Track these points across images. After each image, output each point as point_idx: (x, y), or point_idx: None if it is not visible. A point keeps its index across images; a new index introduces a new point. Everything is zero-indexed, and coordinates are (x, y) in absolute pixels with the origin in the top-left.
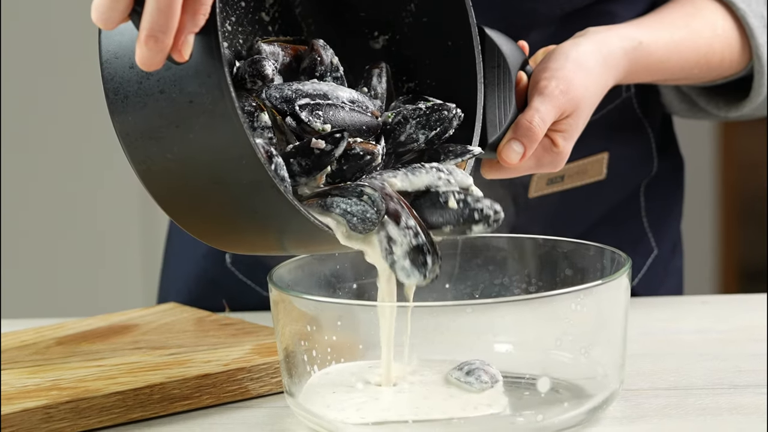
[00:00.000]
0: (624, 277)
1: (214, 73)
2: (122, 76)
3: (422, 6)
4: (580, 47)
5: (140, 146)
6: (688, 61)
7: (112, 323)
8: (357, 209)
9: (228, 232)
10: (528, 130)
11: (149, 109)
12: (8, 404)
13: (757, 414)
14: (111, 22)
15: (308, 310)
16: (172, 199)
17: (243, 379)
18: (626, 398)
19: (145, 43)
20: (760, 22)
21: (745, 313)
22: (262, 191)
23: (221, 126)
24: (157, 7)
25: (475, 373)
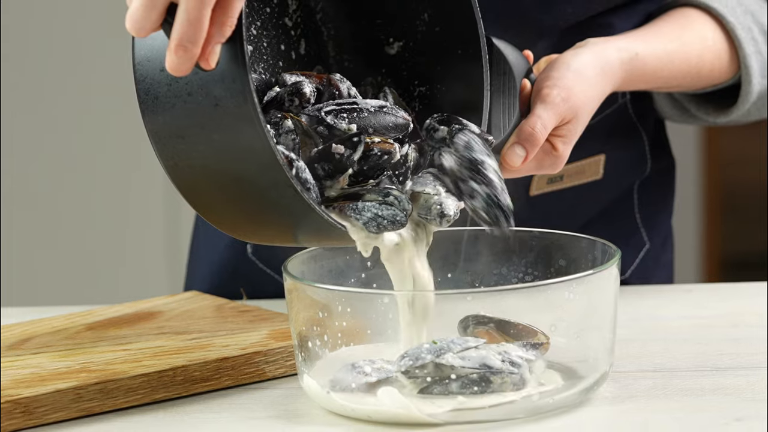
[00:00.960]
0: (614, 267)
1: (238, 79)
2: (153, 78)
3: (435, 16)
4: (580, 57)
5: (168, 144)
6: (680, 71)
7: (138, 310)
8: (388, 213)
9: (247, 225)
10: (530, 135)
11: (177, 110)
12: (41, 385)
13: (737, 394)
14: (144, 31)
15: (320, 298)
16: (197, 193)
17: (259, 362)
18: (615, 380)
19: (174, 52)
20: (747, 34)
21: (726, 301)
22: (280, 190)
23: (244, 128)
24: (187, 19)
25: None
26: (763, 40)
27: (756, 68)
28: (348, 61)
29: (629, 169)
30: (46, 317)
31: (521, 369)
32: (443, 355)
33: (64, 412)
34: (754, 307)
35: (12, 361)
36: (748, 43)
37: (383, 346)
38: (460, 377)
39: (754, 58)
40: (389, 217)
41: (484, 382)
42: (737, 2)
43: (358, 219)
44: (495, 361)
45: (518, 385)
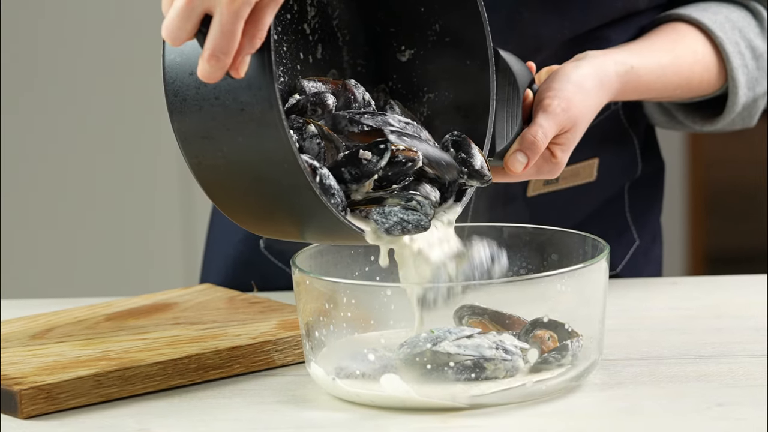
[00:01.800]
0: (603, 261)
1: (265, 87)
2: (182, 81)
3: (446, 27)
4: (580, 70)
5: (194, 143)
6: (671, 84)
7: (155, 302)
8: (413, 218)
9: (263, 221)
10: (532, 143)
11: (204, 113)
12: (63, 372)
13: (719, 380)
14: (179, 40)
15: (326, 290)
16: (218, 190)
17: (269, 351)
18: (605, 367)
19: (207, 61)
20: (735, 48)
21: (710, 293)
22: (300, 192)
23: (268, 133)
24: (221, 31)
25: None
26: (749, 54)
27: (742, 81)
28: (361, 66)
29: (621, 172)
30: (68, 308)
31: (514, 357)
32: (440, 344)
33: (85, 398)
34: (736, 299)
35: (36, 349)
36: (736, 57)
37: (386, 334)
38: (456, 364)
39: (741, 71)
40: (414, 221)
41: (478, 368)
42: (725, 18)
43: (384, 223)
44: (488, 350)
45: (511, 371)
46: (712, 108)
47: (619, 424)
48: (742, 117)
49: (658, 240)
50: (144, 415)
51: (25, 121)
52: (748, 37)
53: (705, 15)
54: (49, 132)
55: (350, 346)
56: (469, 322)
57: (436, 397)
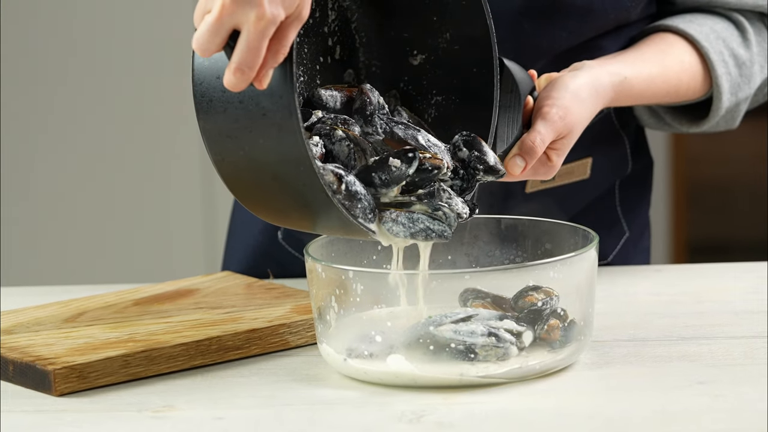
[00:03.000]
0: (592, 250)
1: (285, 96)
2: (209, 83)
3: (456, 36)
4: (577, 80)
5: (217, 141)
6: (660, 91)
7: (179, 288)
8: (438, 228)
9: (279, 214)
10: (531, 149)
11: (229, 114)
12: (93, 353)
13: (700, 360)
14: (208, 52)
15: (336, 277)
16: (239, 184)
17: (284, 333)
18: (594, 348)
19: (233, 73)
20: (719, 57)
21: (692, 280)
22: (314, 192)
23: (287, 138)
24: (247, 47)
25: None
26: (732, 62)
27: (726, 87)
28: (376, 67)
29: (613, 170)
30: (98, 294)
31: (505, 344)
32: (439, 327)
33: (113, 377)
34: (716, 285)
35: (68, 332)
36: (720, 65)
37: (392, 318)
38: (455, 345)
39: (725, 79)
40: (438, 231)
41: (471, 353)
42: (710, 29)
43: (410, 227)
44: (480, 337)
45: (502, 357)
46: (698, 111)
47: (608, 400)
48: (725, 120)
49: (647, 232)
50: (168, 392)
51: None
52: (731, 47)
53: (691, 26)
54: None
55: (359, 329)
56: (473, 305)
57: (438, 376)
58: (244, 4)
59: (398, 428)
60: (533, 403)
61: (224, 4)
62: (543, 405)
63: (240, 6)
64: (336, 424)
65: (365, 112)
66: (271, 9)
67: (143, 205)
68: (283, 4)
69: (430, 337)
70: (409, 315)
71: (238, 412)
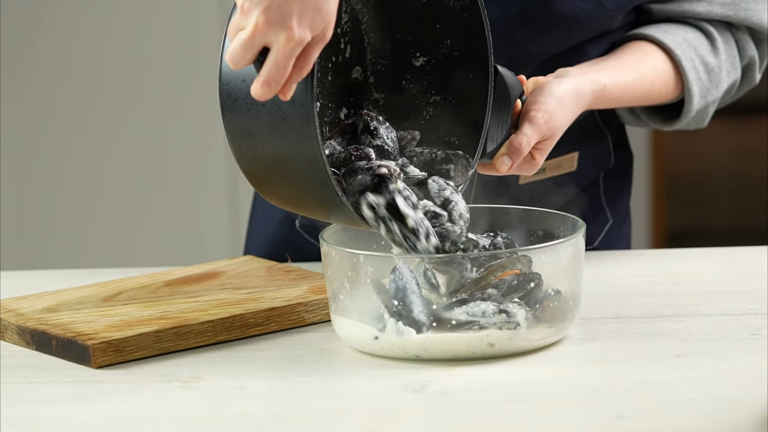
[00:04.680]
0: (580, 237)
1: (306, 104)
2: (235, 84)
3: (456, 43)
4: (562, 87)
5: (239, 137)
6: (635, 97)
7: (206, 270)
8: (499, 320)
9: (292, 204)
10: (517, 150)
11: (252, 115)
12: (128, 329)
13: (677, 336)
14: (239, 66)
15: (348, 260)
16: (257, 177)
17: (301, 311)
18: (581, 324)
19: (261, 86)
20: (690, 64)
21: (669, 263)
22: (326, 190)
23: (304, 142)
24: (275, 64)
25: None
26: (702, 69)
27: (696, 91)
28: (381, 65)
29: (597, 163)
30: (133, 276)
31: (513, 316)
32: (452, 311)
33: (147, 351)
34: (691, 268)
35: (106, 310)
36: (691, 72)
37: (399, 297)
38: (467, 325)
39: (695, 84)
40: (499, 323)
41: (482, 329)
42: (683, 39)
43: (482, 316)
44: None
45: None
46: (671, 111)
47: (594, 371)
48: (695, 120)
49: (628, 220)
50: (196, 364)
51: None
52: (701, 55)
53: (666, 36)
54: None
55: (369, 307)
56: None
57: (442, 350)
58: (275, 25)
59: (404, 397)
60: (526, 374)
61: (257, 24)
62: (535, 376)
63: (272, 27)
64: (347, 393)
65: (369, 128)
66: (300, 32)
67: (175, 198)
68: (310, 27)
69: (440, 315)
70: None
71: (259, 382)
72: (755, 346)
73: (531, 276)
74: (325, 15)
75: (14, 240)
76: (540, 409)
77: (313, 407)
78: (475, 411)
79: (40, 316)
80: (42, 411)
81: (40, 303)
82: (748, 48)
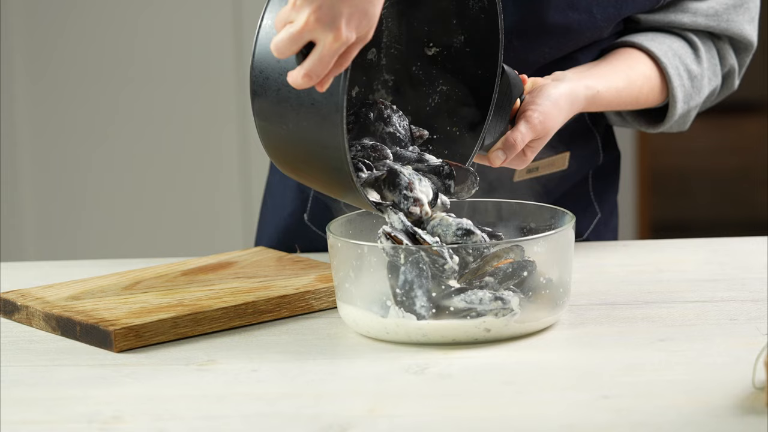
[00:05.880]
0: (570, 228)
1: (336, 94)
2: (269, 64)
3: (469, 39)
4: (558, 90)
5: (266, 114)
6: (624, 102)
7: (220, 260)
8: (495, 306)
9: (306, 180)
10: (512, 146)
11: (281, 95)
12: (148, 316)
13: (661, 321)
14: (283, 55)
15: (353, 251)
16: (277, 152)
17: (309, 299)
18: (571, 311)
19: (302, 77)
20: (675, 71)
21: (654, 253)
22: (341, 174)
23: (329, 127)
24: (319, 60)
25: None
26: (686, 76)
27: (680, 97)
28: (395, 49)
29: (587, 162)
30: (151, 266)
31: (508, 303)
32: (451, 299)
33: (165, 336)
34: (674, 258)
35: (126, 298)
36: (675, 78)
37: (400, 285)
38: (465, 311)
39: (679, 90)
40: (495, 309)
41: (480, 315)
42: (668, 47)
43: (479, 303)
44: (490, 303)
45: (503, 312)
46: (655, 115)
47: (582, 354)
48: (678, 123)
49: (615, 213)
50: (211, 349)
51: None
52: (685, 62)
53: (653, 44)
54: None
55: (372, 295)
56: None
57: (442, 334)
58: (324, 24)
59: (405, 378)
60: (519, 357)
61: (308, 21)
62: (528, 358)
63: (321, 25)
64: (352, 374)
65: (383, 116)
66: (347, 33)
67: (192, 194)
68: (356, 30)
69: (440, 303)
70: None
71: (270, 365)
72: (733, 330)
73: (525, 264)
74: (371, 18)
75: (41, 234)
76: (532, 390)
77: (320, 388)
78: (471, 391)
79: (65, 304)
80: (67, 392)
81: (65, 291)
82: (729, 57)
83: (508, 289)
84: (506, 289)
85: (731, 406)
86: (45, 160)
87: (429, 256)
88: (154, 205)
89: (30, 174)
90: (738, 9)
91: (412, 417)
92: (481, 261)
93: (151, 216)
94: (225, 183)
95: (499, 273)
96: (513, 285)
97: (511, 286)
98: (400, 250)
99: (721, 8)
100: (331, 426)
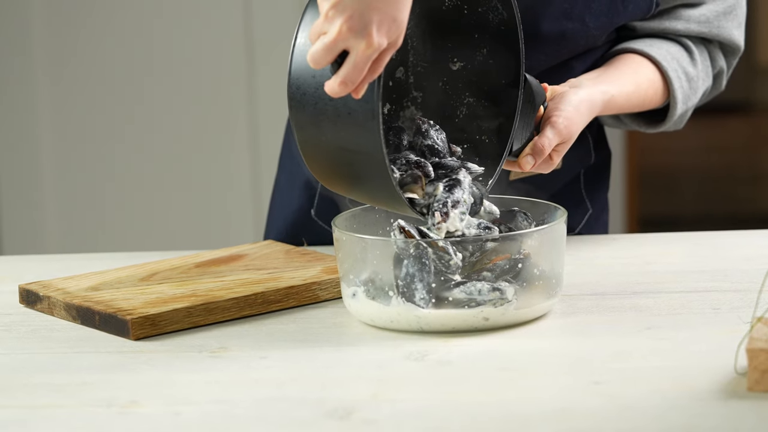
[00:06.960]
0: (562, 223)
1: (371, 102)
2: (305, 79)
3: (491, 53)
4: (578, 96)
5: (304, 127)
6: (634, 104)
7: (231, 253)
8: (492, 297)
9: (344, 189)
10: (540, 150)
11: (318, 108)
12: (163, 306)
13: (648, 311)
14: (319, 65)
15: (357, 244)
16: (316, 162)
17: (315, 290)
18: (564, 300)
19: (338, 85)
20: (675, 74)
21: (641, 246)
22: (381, 180)
23: (366, 135)
24: (354, 67)
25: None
26: (684, 78)
27: (680, 98)
28: (421, 67)
29: (579, 161)
30: (167, 258)
31: (505, 293)
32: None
33: (179, 324)
34: (661, 251)
35: (143, 288)
36: (676, 81)
37: (401, 277)
38: (465, 301)
39: (679, 92)
40: (493, 300)
41: (478, 305)
42: (666, 51)
43: (482, 295)
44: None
45: (500, 302)
46: (653, 115)
47: (574, 342)
48: (675, 123)
49: (606, 209)
50: (223, 337)
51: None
52: (683, 65)
53: (653, 49)
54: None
55: (376, 286)
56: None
57: (442, 323)
58: (356, 33)
59: (406, 365)
60: (515, 345)
61: (341, 31)
62: (522, 346)
63: (353, 34)
64: (356, 361)
65: (421, 130)
66: (378, 39)
67: (205, 190)
68: (387, 35)
69: (440, 294)
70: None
71: (279, 352)
72: (716, 319)
73: (520, 258)
74: (399, 24)
75: (63, 228)
76: (527, 376)
77: (326, 374)
78: (469, 377)
79: (85, 294)
80: (87, 378)
81: (85, 282)
82: (719, 59)
83: (504, 280)
84: (503, 280)
85: (715, 391)
86: (66, 160)
87: (435, 253)
88: (169, 202)
89: (52, 172)
90: (727, 16)
91: (414, 401)
92: (480, 255)
93: (166, 212)
94: (236, 181)
95: (496, 269)
96: (509, 277)
97: (508, 278)
98: (409, 243)
99: (712, 15)
100: (336, 410)
